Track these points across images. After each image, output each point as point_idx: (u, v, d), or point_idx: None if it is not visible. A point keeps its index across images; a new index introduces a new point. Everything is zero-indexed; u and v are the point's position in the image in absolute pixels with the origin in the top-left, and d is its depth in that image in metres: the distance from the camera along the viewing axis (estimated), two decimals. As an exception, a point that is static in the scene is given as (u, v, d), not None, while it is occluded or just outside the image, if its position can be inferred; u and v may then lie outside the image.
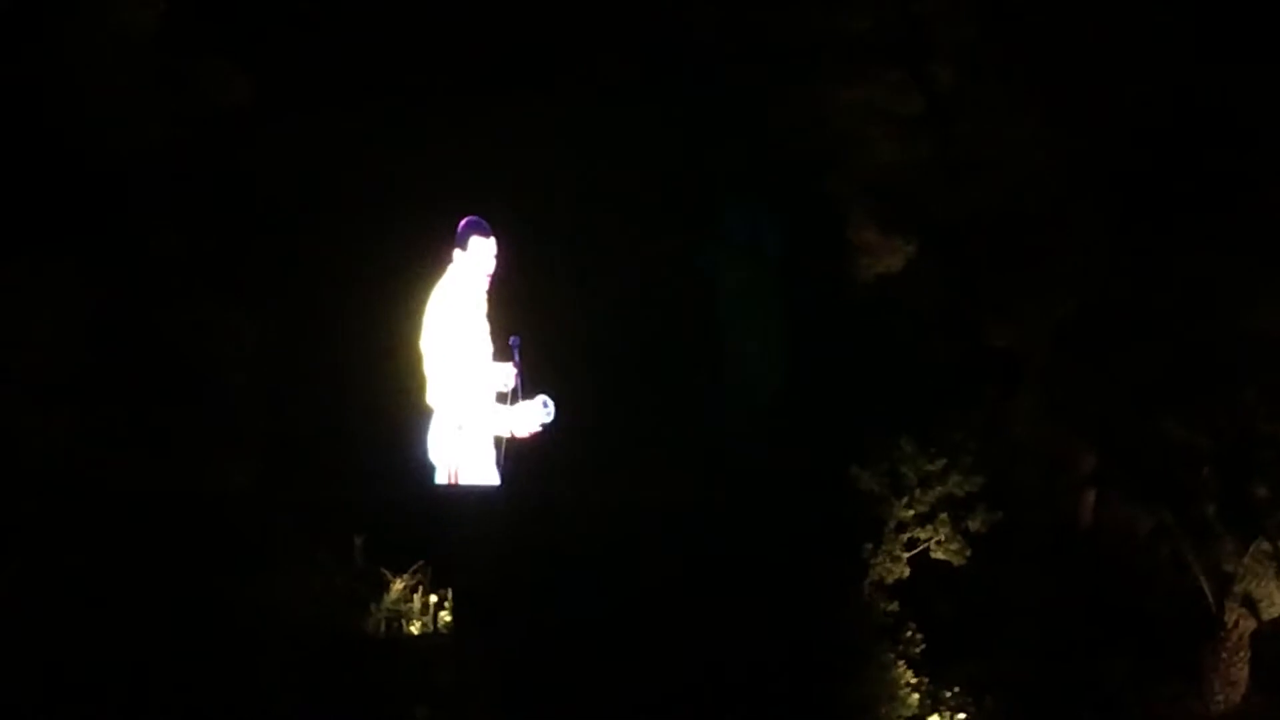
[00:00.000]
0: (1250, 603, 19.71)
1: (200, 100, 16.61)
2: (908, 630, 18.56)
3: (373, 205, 18.11)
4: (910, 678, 18.23)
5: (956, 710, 18.42)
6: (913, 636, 18.54)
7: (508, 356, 17.61)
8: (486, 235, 17.69)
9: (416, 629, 16.71)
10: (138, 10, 16.29)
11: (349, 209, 18.11)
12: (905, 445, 18.91)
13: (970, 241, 20.71)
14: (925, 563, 18.92)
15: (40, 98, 15.90)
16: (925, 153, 20.43)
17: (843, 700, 17.75)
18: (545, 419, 17.59)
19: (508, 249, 17.76)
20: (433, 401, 17.54)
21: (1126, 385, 19.97)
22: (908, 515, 18.83)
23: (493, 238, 17.69)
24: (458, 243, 17.65)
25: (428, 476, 17.52)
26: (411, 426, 17.56)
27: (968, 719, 18.47)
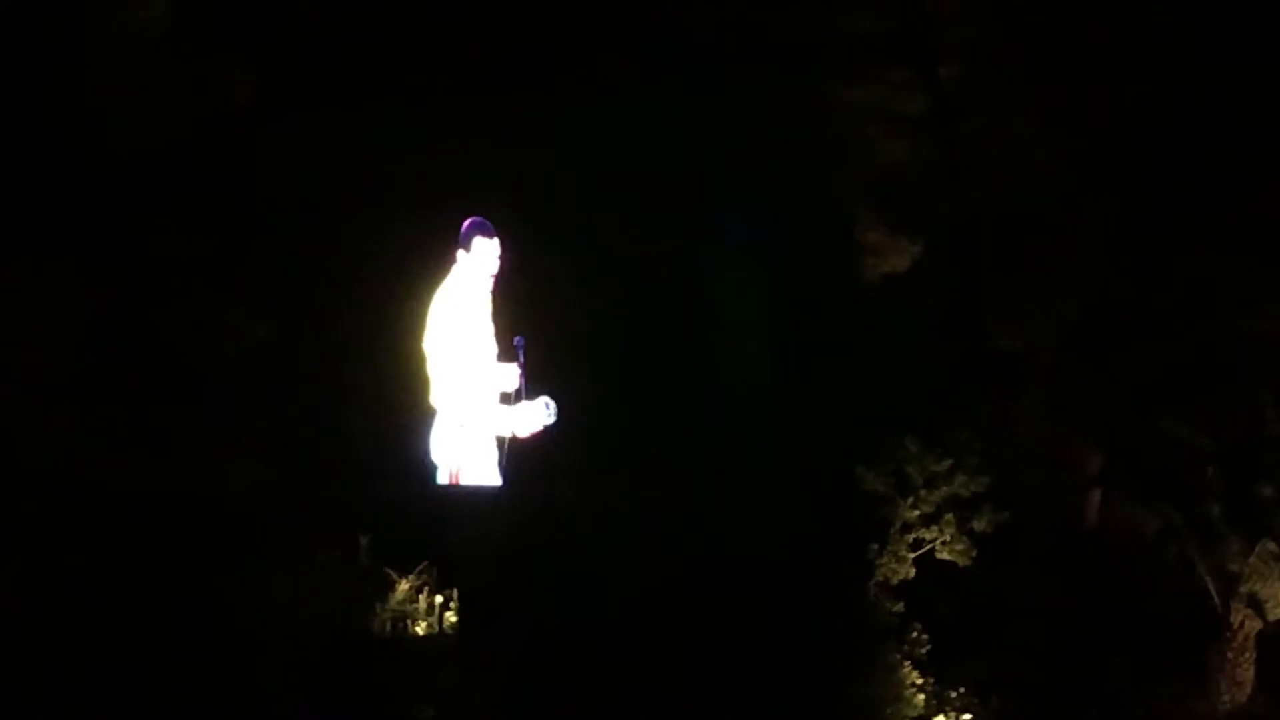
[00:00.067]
0: (1256, 603, 19.64)
1: (203, 100, 16.57)
2: (913, 631, 18.49)
3: (373, 205, 18.06)
4: (916, 678, 18.18)
5: (962, 710, 18.37)
6: (918, 637, 18.48)
7: (512, 357, 17.56)
8: (490, 236, 17.63)
9: (422, 629, 16.68)
10: (138, 10, 16.28)
11: (349, 208, 18.06)
12: (910, 445, 18.83)
13: (975, 242, 20.69)
14: (930, 563, 18.85)
15: (40, 97, 15.86)
16: (930, 153, 20.42)
17: (848, 701, 17.69)
18: (547, 420, 17.54)
19: (509, 249, 17.70)
20: (436, 402, 17.48)
21: (1132, 385, 19.93)
22: (913, 516, 18.75)
23: (496, 238, 17.64)
24: (461, 243, 17.59)
25: (430, 477, 17.45)
26: (414, 427, 17.48)
27: (973, 719, 18.43)
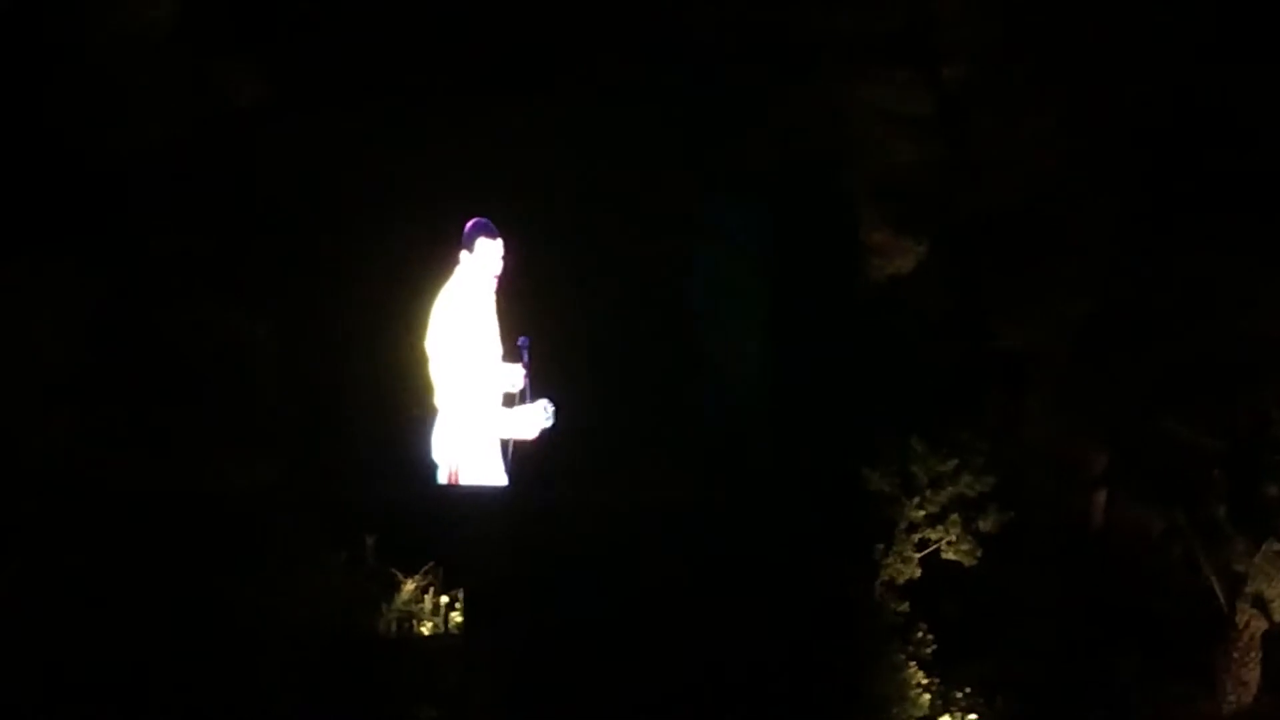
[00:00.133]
0: (1261, 603, 19.53)
1: (206, 100, 16.59)
2: (918, 630, 18.40)
3: (373, 205, 17.95)
4: (921, 678, 18.10)
5: (968, 711, 18.28)
6: (924, 637, 18.38)
7: (516, 358, 17.50)
8: (493, 237, 17.52)
9: (428, 630, 16.62)
10: (144, 10, 16.28)
11: (350, 208, 17.95)
12: (916, 445, 18.73)
13: (980, 242, 20.62)
14: (936, 563, 18.76)
15: (41, 97, 15.87)
16: (936, 153, 20.35)
17: (854, 701, 17.65)
18: (545, 424, 17.45)
19: (509, 249, 17.62)
20: (439, 402, 17.40)
21: (1137, 386, 19.85)
22: (919, 516, 18.65)
23: (500, 239, 17.56)
24: (464, 244, 17.47)
25: (432, 477, 17.36)
26: (419, 427, 17.37)
27: (979, 719, 18.36)
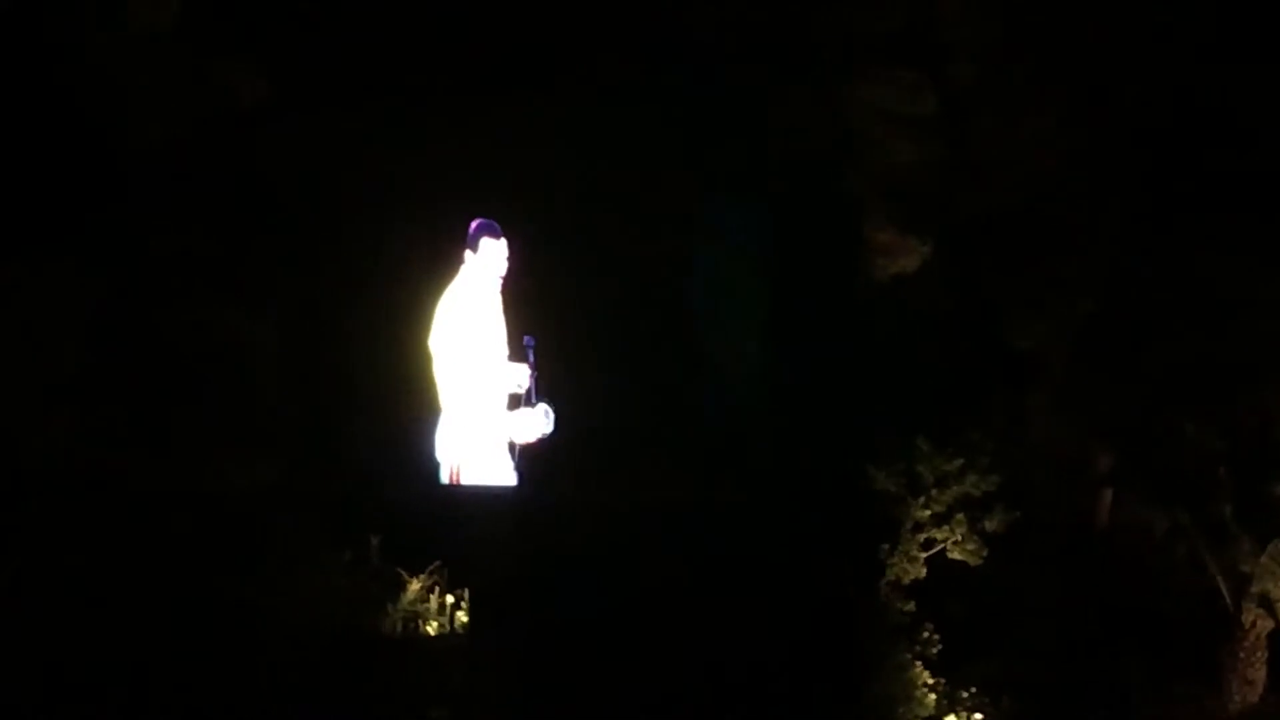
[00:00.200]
0: (1267, 603, 19.47)
1: (209, 101, 16.57)
2: (924, 630, 18.40)
3: (377, 205, 17.94)
4: (927, 678, 18.10)
5: (973, 710, 18.26)
6: (929, 637, 18.38)
7: (522, 357, 17.49)
8: (497, 237, 17.56)
9: (433, 629, 16.59)
10: (140, 10, 16.25)
11: (351, 208, 17.94)
12: (922, 445, 18.74)
13: (984, 241, 20.59)
14: (942, 563, 18.75)
15: (42, 97, 15.84)
16: (940, 153, 20.32)
17: (860, 701, 17.63)
18: (545, 430, 17.44)
19: (512, 249, 17.63)
20: (444, 402, 17.37)
21: (1143, 385, 19.80)
22: (924, 515, 18.66)
23: (504, 239, 17.56)
24: (468, 245, 17.52)
25: (437, 477, 17.36)
26: (424, 427, 17.38)
27: (985, 719, 18.33)
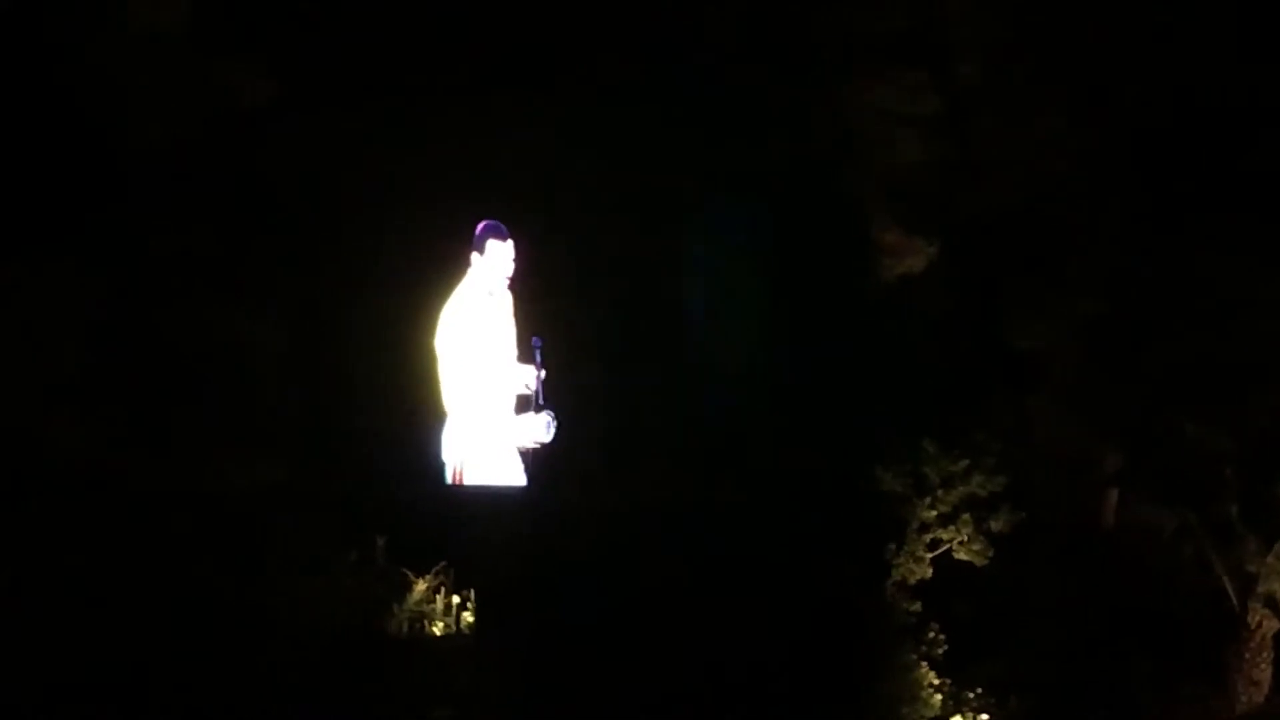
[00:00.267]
0: (1273, 603, 19.51)
1: (211, 101, 16.57)
2: (930, 631, 18.42)
3: (379, 205, 17.90)
4: (933, 678, 18.11)
5: (979, 711, 18.30)
6: (935, 637, 18.40)
7: (529, 358, 17.43)
8: (504, 238, 17.48)
9: (439, 630, 16.59)
10: (142, 11, 16.24)
11: (354, 208, 17.90)
12: (928, 446, 18.78)
13: (990, 241, 20.57)
14: (948, 563, 18.77)
15: (42, 97, 15.82)
16: (945, 153, 20.32)
17: (866, 701, 17.62)
18: (545, 437, 17.37)
19: (516, 250, 17.57)
20: (450, 403, 17.29)
21: (1149, 386, 19.78)
22: (930, 515, 18.69)
23: (510, 241, 17.49)
24: (475, 246, 17.44)
25: (443, 477, 17.28)
26: (430, 428, 17.30)
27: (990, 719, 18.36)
